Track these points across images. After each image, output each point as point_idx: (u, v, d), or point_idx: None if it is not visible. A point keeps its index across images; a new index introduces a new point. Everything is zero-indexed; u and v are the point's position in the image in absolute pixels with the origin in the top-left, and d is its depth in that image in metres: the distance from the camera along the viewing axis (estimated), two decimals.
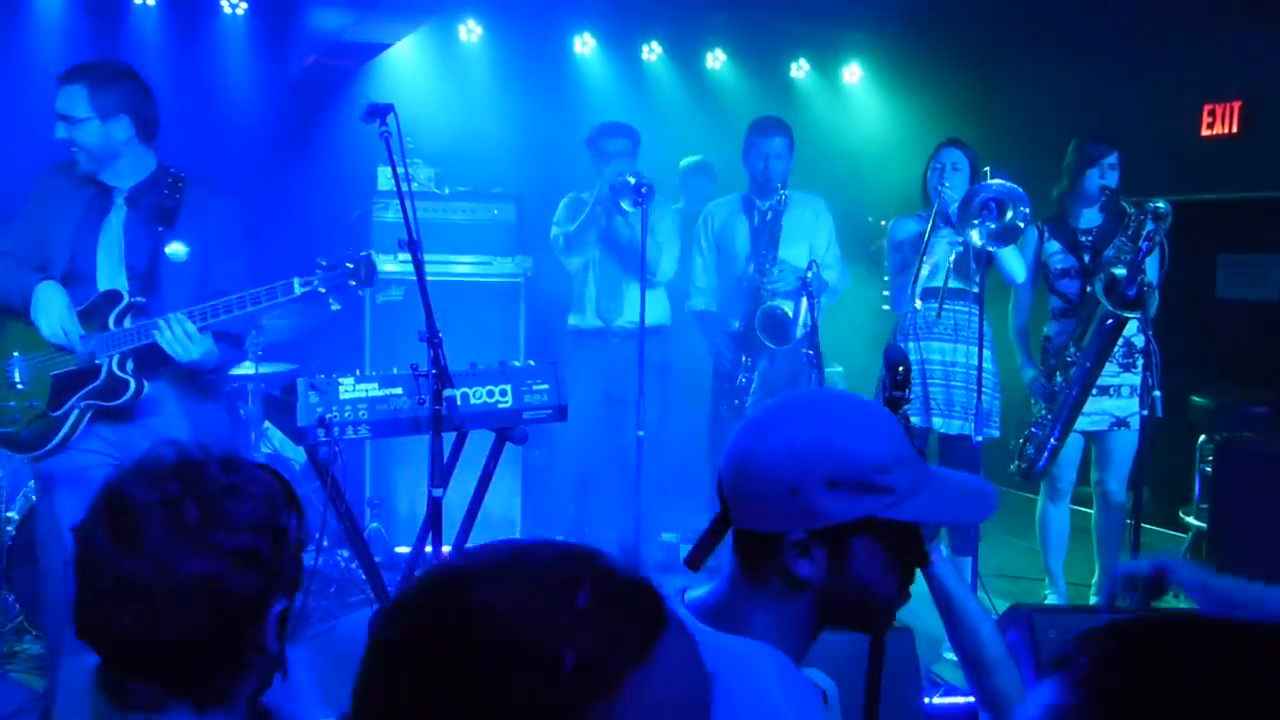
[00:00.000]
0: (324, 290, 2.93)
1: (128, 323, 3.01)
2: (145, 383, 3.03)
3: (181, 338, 2.89)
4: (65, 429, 3.04)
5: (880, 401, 1.72)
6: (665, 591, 0.80)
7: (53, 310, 2.99)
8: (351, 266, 2.92)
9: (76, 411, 3.03)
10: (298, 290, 2.90)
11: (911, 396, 3.66)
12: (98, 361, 3.02)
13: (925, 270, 4.06)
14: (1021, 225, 3.90)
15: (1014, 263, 4.15)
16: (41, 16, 5.77)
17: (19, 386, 3.10)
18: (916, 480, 1.23)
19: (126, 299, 3.02)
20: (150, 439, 3.06)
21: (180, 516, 1.15)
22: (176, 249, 3.09)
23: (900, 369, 1.72)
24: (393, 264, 4.78)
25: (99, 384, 3.03)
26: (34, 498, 4.03)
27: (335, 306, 2.98)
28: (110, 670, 1.19)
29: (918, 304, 4.10)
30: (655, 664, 0.75)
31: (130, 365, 3.03)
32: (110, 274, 3.09)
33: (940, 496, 1.26)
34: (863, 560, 1.23)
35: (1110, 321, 3.96)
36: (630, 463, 4.40)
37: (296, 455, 4.74)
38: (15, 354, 3.10)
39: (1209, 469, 4.64)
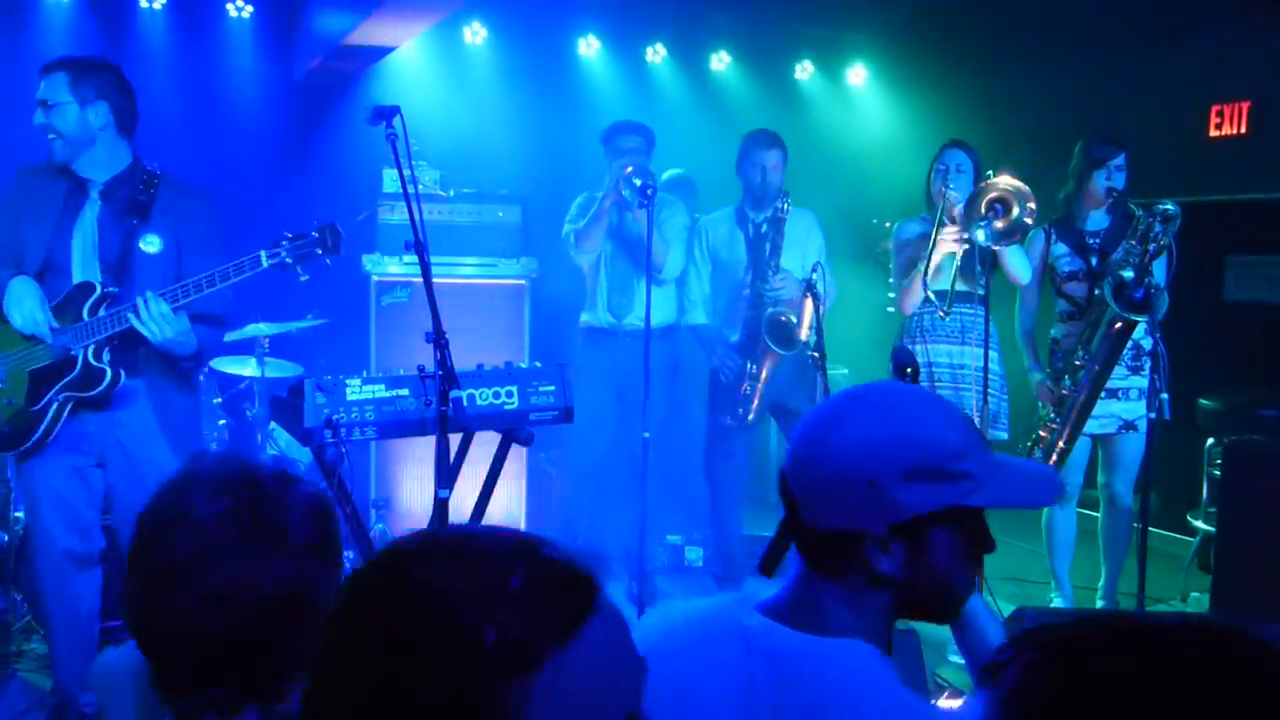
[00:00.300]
0: (291, 261, 2.96)
1: (102, 313, 3.04)
2: (122, 372, 3.08)
3: (156, 317, 2.94)
4: (46, 422, 3.08)
5: None
6: (599, 577, 0.83)
7: (24, 303, 3.04)
8: (317, 235, 2.95)
9: (56, 404, 3.07)
10: (265, 263, 2.94)
11: None
12: (74, 353, 3.06)
13: (934, 264, 4.05)
14: (1029, 222, 3.88)
15: (1019, 263, 4.13)
16: (48, 20, 5.79)
17: None
18: (987, 466, 1.23)
19: (100, 289, 3.06)
20: (126, 431, 3.18)
21: (260, 524, 1.18)
22: (150, 242, 3.14)
23: (908, 371, 1.72)
24: (398, 266, 4.78)
25: (75, 375, 3.07)
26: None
27: (304, 278, 3.00)
28: (179, 675, 1.19)
29: (930, 294, 4.07)
30: (579, 647, 0.78)
31: (106, 355, 3.07)
32: (85, 266, 3.13)
33: (1010, 480, 1.26)
34: (941, 550, 1.23)
35: (1118, 325, 3.94)
36: (639, 464, 4.40)
37: (302, 456, 4.75)
38: None
39: (1217, 472, 4.62)
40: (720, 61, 7.11)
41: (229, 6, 6.09)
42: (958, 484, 1.20)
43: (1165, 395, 3.73)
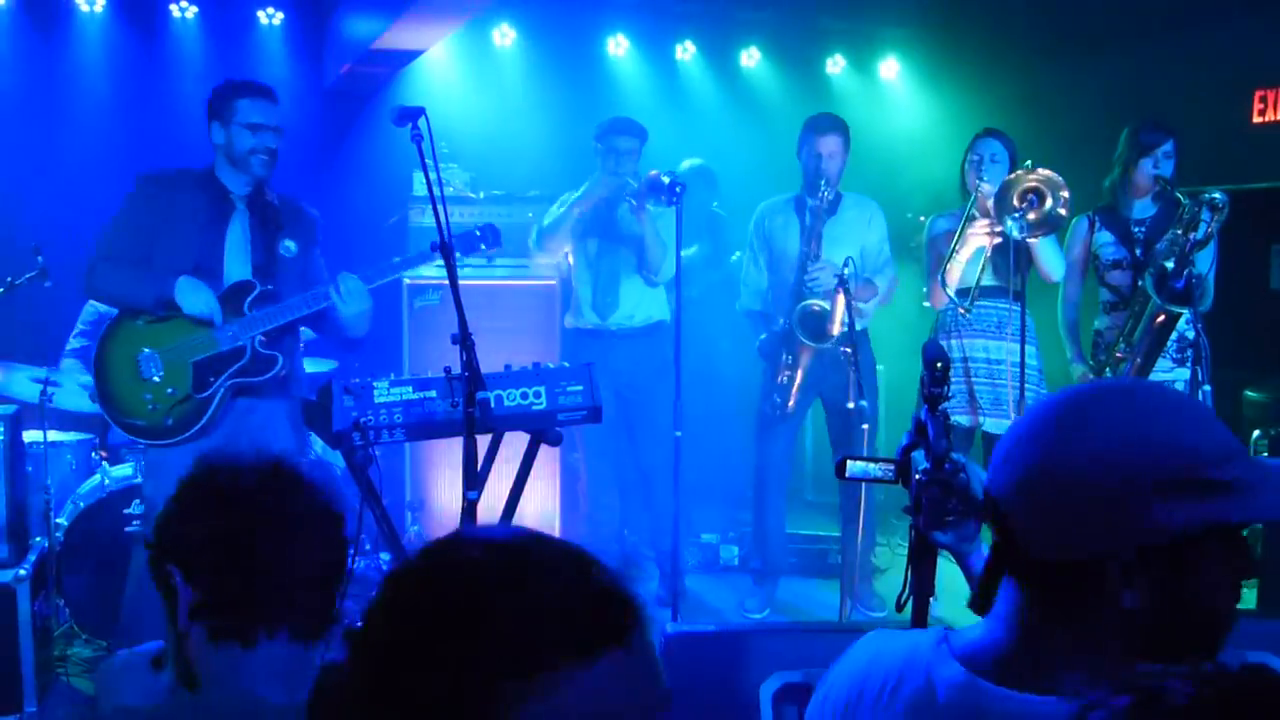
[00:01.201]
0: (459, 255, 3.24)
1: (258, 310, 3.40)
2: (281, 357, 3.43)
3: (350, 291, 3.37)
4: (212, 409, 3.40)
5: (919, 399, 1.68)
6: (642, 612, 0.82)
7: (200, 292, 3.34)
8: (479, 233, 3.44)
9: (222, 391, 3.39)
10: (435, 257, 3.25)
11: (952, 394, 3.60)
12: (240, 343, 3.38)
13: (961, 258, 3.99)
14: (1063, 213, 3.80)
15: (1052, 257, 4.05)
16: (83, 29, 5.88)
17: (155, 379, 3.39)
18: (1255, 472, 1.02)
19: (259, 287, 3.43)
20: (258, 418, 3.50)
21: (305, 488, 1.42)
22: (288, 247, 3.53)
23: (939, 366, 1.68)
24: (430, 269, 4.78)
25: (245, 362, 3.40)
26: (80, 504, 4.10)
27: (464, 268, 3.42)
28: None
29: (951, 294, 4.01)
30: (589, 673, 0.77)
31: (270, 343, 3.43)
32: (237, 268, 3.47)
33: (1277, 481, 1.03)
34: (1204, 577, 1.02)
35: (1161, 317, 3.85)
36: (653, 463, 4.38)
37: (338, 460, 4.77)
38: (145, 350, 3.40)
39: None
40: (750, 58, 7.06)
41: (260, 14, 6.14)
42: (1225, 497, 1.00)
43: (1207, 387, 3.64)
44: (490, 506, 3.04)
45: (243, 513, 1.35)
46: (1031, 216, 3.79)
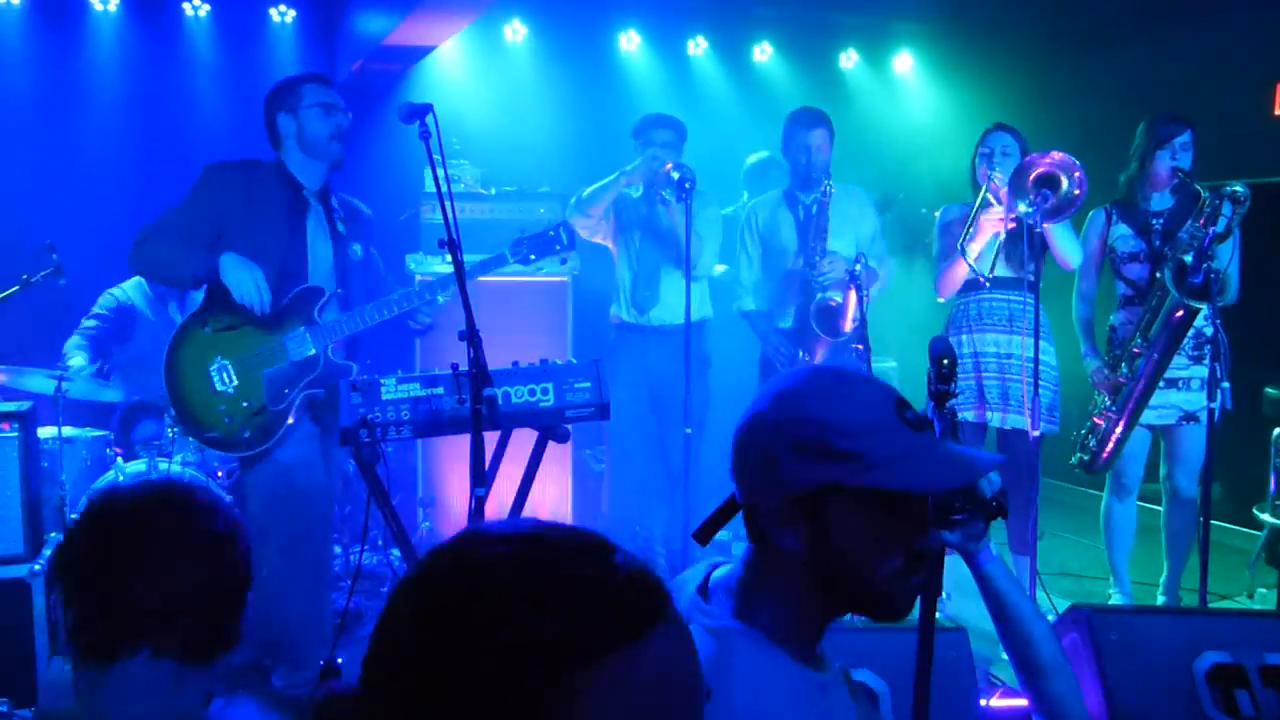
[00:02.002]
0: (534, 258, 3.33)
1: (330, 315, 3.36)
2: (356, 366, 3.39)
3: (435, 300, 3.42)
4: (288, 421, 3.34)
5: (927, 395, 1.66)
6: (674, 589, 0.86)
7: (244, 272, 3.22)
8: (553, 233, 3.34)
9: (297, 402, 3.34)
10: (511, 260, 3.34)
11: (959, 390, 3.55)
12: (312, 352, 3.32)
13: (976, 244, 3.95)
14: (1078, 193, 3.74)
15: (1068, 242, 4.00)
16: (97, 28, 5.90)
17: (229, 391, 3.32)
18: (892, 450, 1.19)
19: (328, 292, 3.37)
20: (328, 430, 3.41)
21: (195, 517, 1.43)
22: (355, 250, 3.48)
23: (944, 362, 1.66)
24: (441, 265, 4.78)
25: (318, 372, 3.34)
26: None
27: (542, 271, 3.54)
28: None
29: (970, 264, 3.96)
30: (642, 650, 0.76)
31: (341, 353, 3.38)
32: (320, 269, 3.42)
33: (919, 466, 1.20)
34: (841, 532, 1.20)
35: (1179, 313, 3.79)
36: (677, 460, 4.35)
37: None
38: (217, 360, 3.32)
39: None
40: (763, 52, 7.03)
41: (272, 11, 6.15)
42: (844, 463, 1.18)
43: (1226, 384, 3.58)
44: (501, 503, 3.03)
45: (106, 536, 1.38)
46: (1046, 203, 3.73)
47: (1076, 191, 3.73)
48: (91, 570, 1.37)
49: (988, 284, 4.01)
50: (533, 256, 3.45)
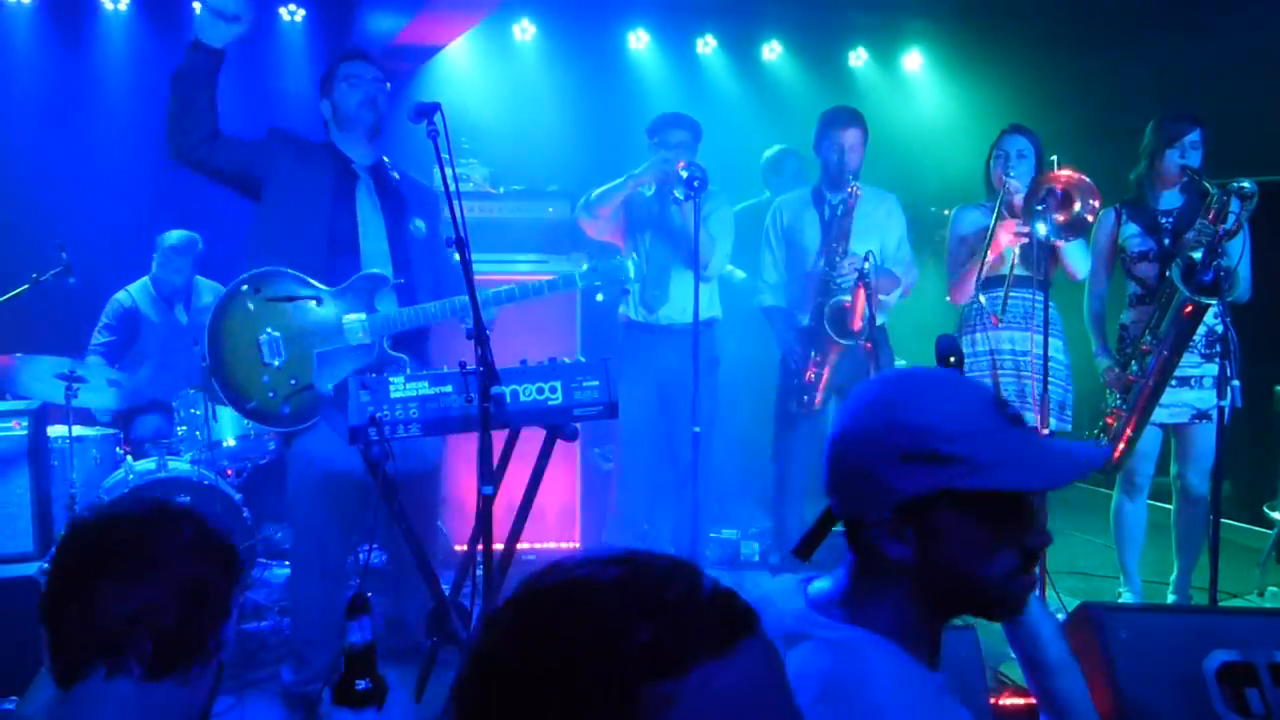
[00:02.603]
0: (599, 284, 3.32)
1: (388, 302, 3.30)
2: (409, 359, 3.32)
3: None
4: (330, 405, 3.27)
5: None
6: (760, 609, 0.87)
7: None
8: (616, 265, 3.28)
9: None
10: (579, 284, 3.31)
11: None
12: (368, 341, 3.27)
13: (990, 260, 3.94)
14: (1090, 219, 3.76)
15: (1078, 257, 4.00)
16: (106, 26, 5.93)
17: (276, 364, 3.25)
18: (998, 450, 1.19)
19: (390, 279, 3.31)
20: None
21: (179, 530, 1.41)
22: (418, 227, 3.39)
23: (951, 360, 1.66)
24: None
25: (371, 362, 3.29)
26: (104, 498, 4.13)
27: (600, 298, 3.50)
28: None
29: (982, 300, 3.97)
30: (730, 662, 0.79)
31: (389, 342, 3.31)
32: (372, 244, 3.36)
33: (1025, 464, 1.20)
34: (953, 536, 1.20)
35: (1188, 308, 3.78)
36: (685, 459, 4.35)
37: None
38: (268, 331, 3.25)
39: None
40: (772, 51, 7.03)
41: (282, 10, 6.18)
42: (951, 467, 1.17)
43: (1236, 383, 3.57)
44: (509, 502, 3.03)
45: (70, 554, 1.39)
46: (1060, 219, 3.74)
47: (1089, 217, 3.74)
48: (50, 594, 1.38)
49: (1000, 324, 4.01)
50: (598, 283, 3.47)
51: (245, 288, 3.28)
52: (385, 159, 3.55)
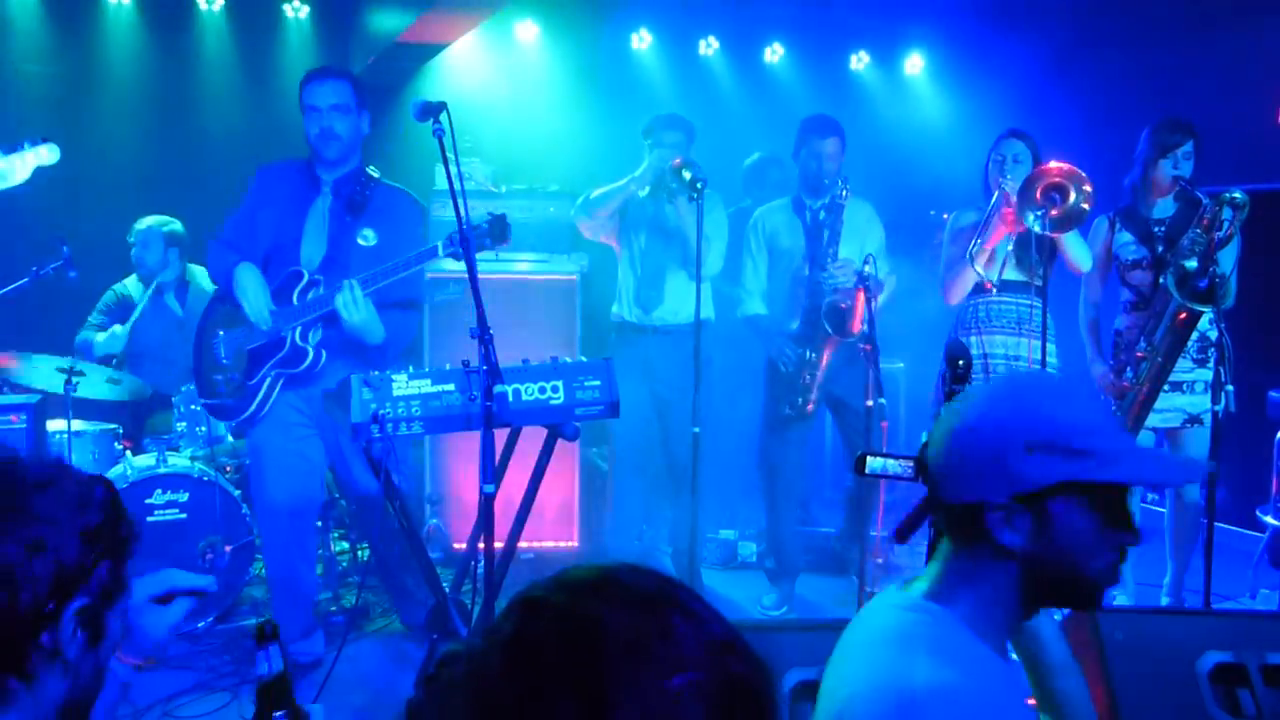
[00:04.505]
0: (461, 252, 3.18)
1: (310, 297, 3.40)
2: (324, 352, 3.42)
3: (350, 300, 3.22)
4: (259, 396, 3.48)
5: (940, 395, 1.69)
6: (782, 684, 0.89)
7: (249, 291, 3.41)
8: (486, 226, 3.16)
9: (269, 380, 3.45)
10: (442, 254, 3.21)
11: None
12: (283, 334, 3.42)
13: (987, 248, 3.96)
14: (1086, 207, 3.77)
15: (1078, 249, 4.02)
16: (111, 22, 5.94)
17: (224, 362, 3.57)
18: (1119, 447, 1.26)
19: (307, 276, 3.43)
20: (326, 405, 3.52)
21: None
22: (366, 236, 3.49)
23: (960, 363, 1.69)
24: (451, 263, 4.80)
25: (284, 353, 3.44)
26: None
27: (485, 261, 3.28)
28: None
29: (978, 270, 3.98)
30: None
31: (313, 336, 3.44)
32: (312, 249, 3.51)
33: (1143, 461, 1.29)
34: (1066, 527, 1.26)
35: (1182, 315, 3.82)
36: (681, 459, 4.37)
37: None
38: (220, 333, 3.58)
39: None
40: (774, 53, 7.05)
41: (285, 7, 6.19)
42: (1079, 460, 1.24)
43: (1230, 387, 3.60)
44: (509, 501, 3.05)
45: None
46: (1055, 213, 3.76)
47: (1085, 205, 3.76)
48: None
49: (994, 290, 4.03)
50: (461, 250, 3.28)
51: (215, 293, 3.61)
52: (370, 169, 3.65)
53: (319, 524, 4.16)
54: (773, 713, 0.81)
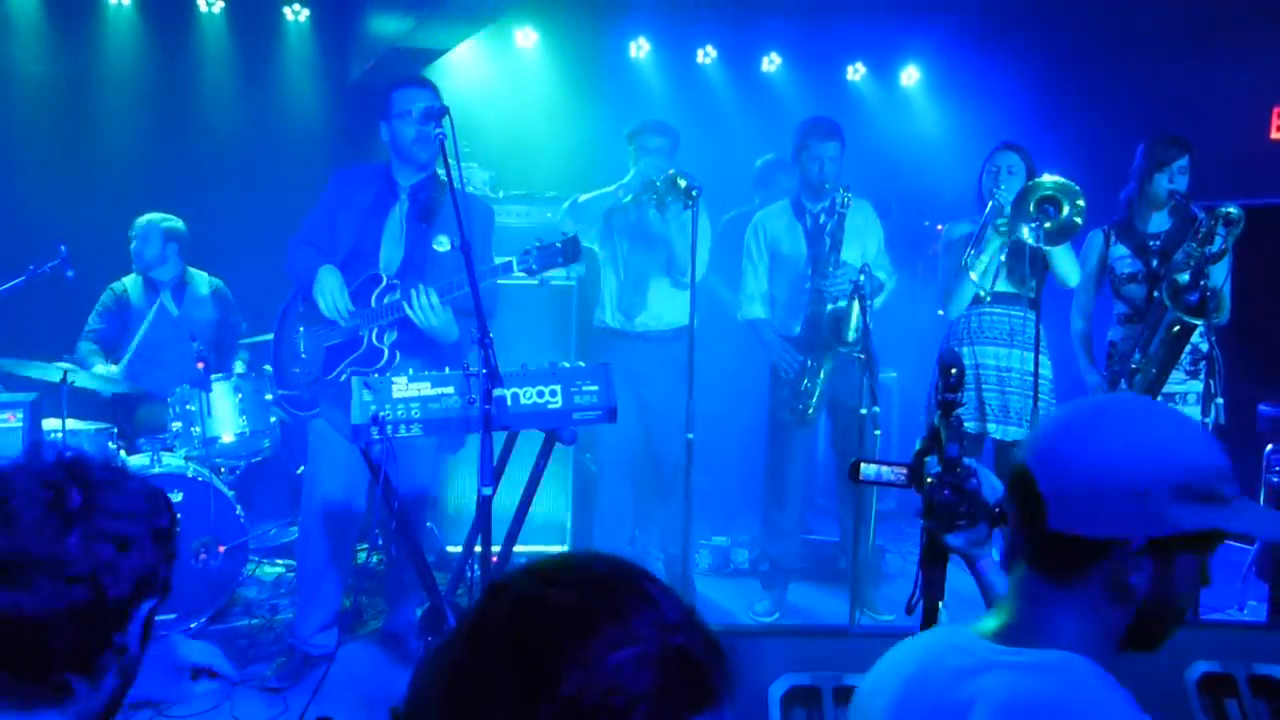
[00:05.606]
0: (536, 268, 3.33)
1: (386, 300, 3.51)
2: (398, 353, 3.55)
3: (425, 306, 3.34)
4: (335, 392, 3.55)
5: (933, 404, 1.71)
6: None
7: (326, 290, 3.52)
8: (560, 246, 3.27)
9: (344, 377, 3.51)
10: (516, 270, 3.31)
11: (965, 400, 3.60)
12: (361, 334, 3.55)
13: (983, 261, 4.00)
14: (1078, 221, 3.81)
15: (1067, 263, 4.06)
16: (110, 23, 5.95)
17: (302, 356, 3.71)
18: (1239, 495, 1.21)
19: (385, 280, 3.54)
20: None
21: (63, 500, 1.13)
22: (441, 242, 3.57)
23: (953, 372, 1.70)
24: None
25: (361, 352, 3.56)
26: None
27: (535, 282, 3.47)
28: None
29: (974, 275, 4.01)
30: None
31: (389, 337, 3.55)
32: (391, 255, 3.63)
33: (1260, 514, 1.25)
34: (1184, 573, 1.20)
35: (1176, 327, 3.86)
36: (668, 466, 4.38)
37: None
38: (301, 328, 3.72)
39: (1276, 479, 4.50)
40: (771, 63, 7.09)
41: (286, 10, 6.20)
42: (1222, 508, 1.18)
43: (1220, 400, 3.65)
44: (506, 505, 3.07)
45: None
46: (1048, 225, 3.80)
47: (1077, 220, 3.79)
48: None
49: (988, 299, 4.07)
50: (535, 267, 3.44)
51: (294, 290, 3.74)
52: (442, 174, 3.59)
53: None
54: (723, 686, 0.83)
